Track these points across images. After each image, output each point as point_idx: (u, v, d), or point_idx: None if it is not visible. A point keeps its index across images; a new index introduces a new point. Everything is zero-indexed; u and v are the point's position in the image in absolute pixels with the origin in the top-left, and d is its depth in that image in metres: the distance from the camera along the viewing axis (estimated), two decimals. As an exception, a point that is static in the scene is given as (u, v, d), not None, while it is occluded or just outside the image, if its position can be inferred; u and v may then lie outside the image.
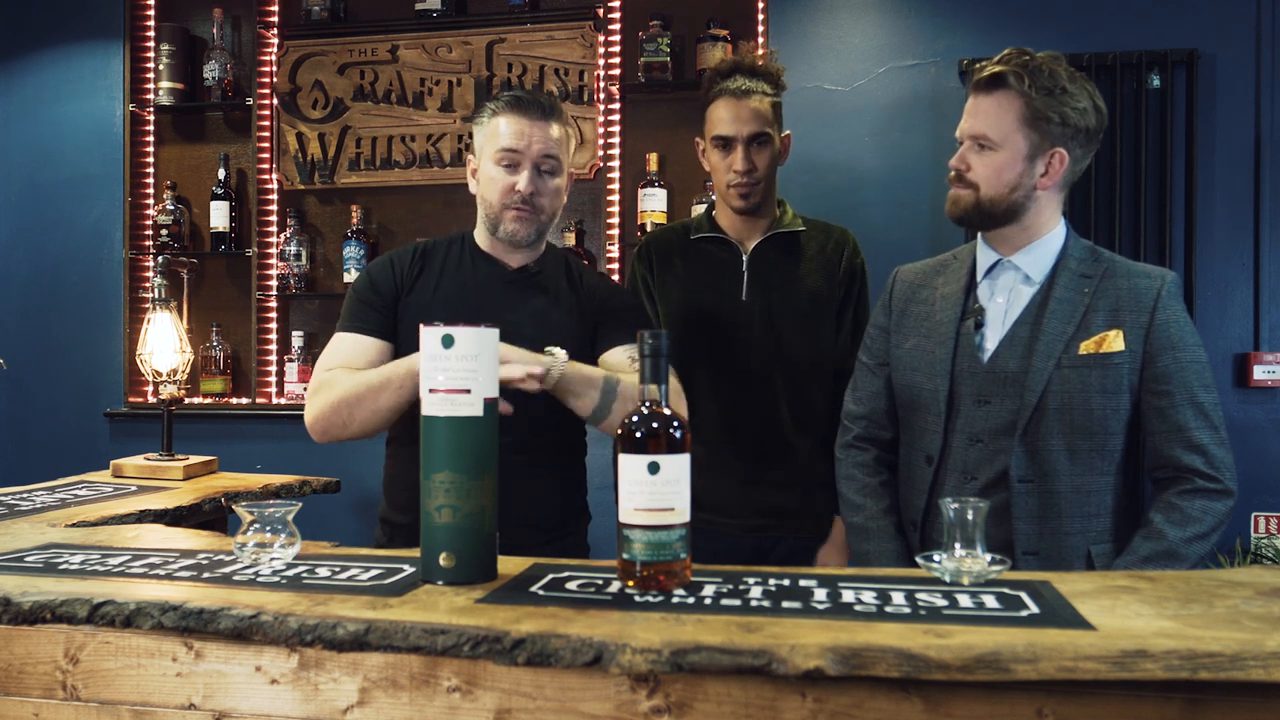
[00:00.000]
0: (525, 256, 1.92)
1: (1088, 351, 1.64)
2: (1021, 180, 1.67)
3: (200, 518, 2.09)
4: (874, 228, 2.99)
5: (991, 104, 1.66)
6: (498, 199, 1.84)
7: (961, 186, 1.71)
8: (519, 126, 1.81)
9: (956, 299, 1.76)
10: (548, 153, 1.82)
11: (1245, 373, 2.98)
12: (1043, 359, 1.65)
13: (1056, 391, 1.63)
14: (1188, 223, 3.00)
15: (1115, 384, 1.63)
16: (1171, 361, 1.62)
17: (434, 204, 3.63)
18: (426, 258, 1.93)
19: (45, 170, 3.81)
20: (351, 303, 1.88)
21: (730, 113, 2.11)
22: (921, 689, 0.97)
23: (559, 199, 1.89)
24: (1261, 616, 1.03)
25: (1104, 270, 1.69)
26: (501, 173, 1.83)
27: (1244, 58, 3.01)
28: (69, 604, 1.14)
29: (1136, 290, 1.66)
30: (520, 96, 1.84)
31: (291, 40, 3.66)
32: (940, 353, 1.74)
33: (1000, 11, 3.15)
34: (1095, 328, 1.64)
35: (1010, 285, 1.73)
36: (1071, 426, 1.63)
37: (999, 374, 1.68)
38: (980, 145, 1.67)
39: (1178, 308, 1.66)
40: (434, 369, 1.20)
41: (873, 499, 1.81)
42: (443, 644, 1.03)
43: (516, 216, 1.83)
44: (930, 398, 1.74)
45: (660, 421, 1.17)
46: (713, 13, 3.35)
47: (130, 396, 3.72)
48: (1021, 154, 1.66)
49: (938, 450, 1.73)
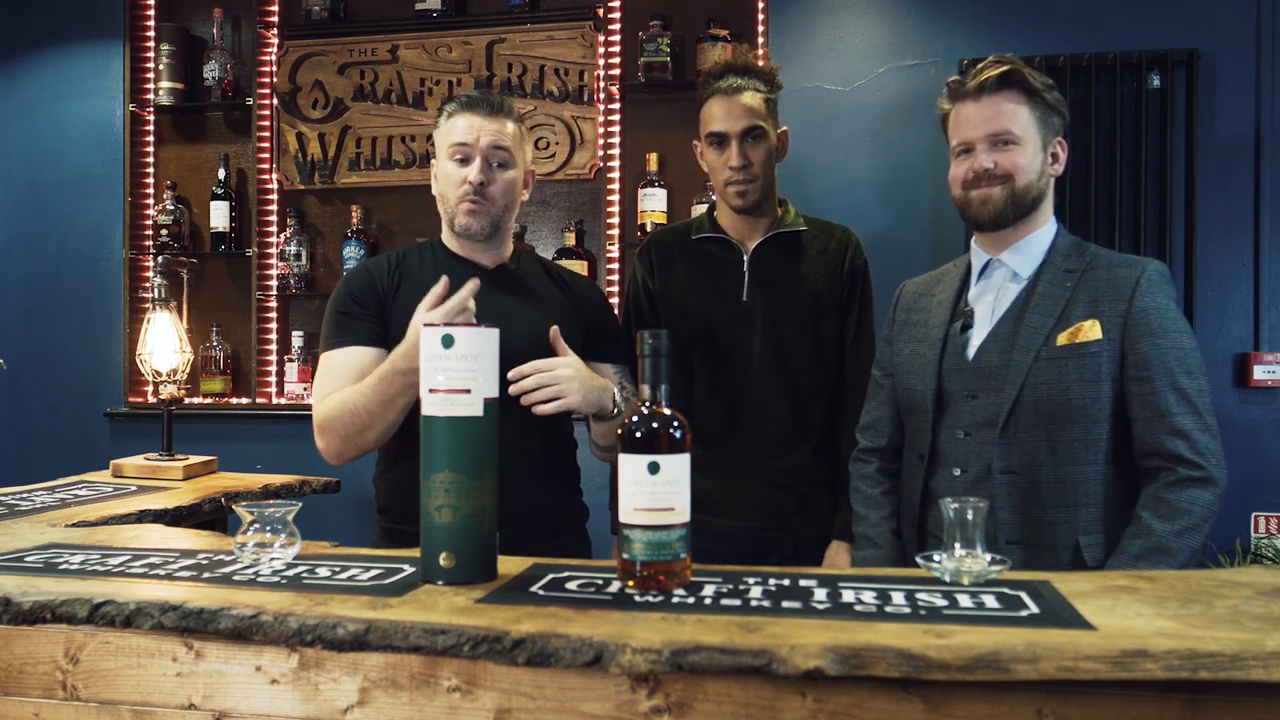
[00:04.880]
0: (495, 255, 1.96)
1: (1065, 342, 1.66)
2: (1043, 168, 1.75)
3: (200, 518, 2.09)
4: (873, 227, 3.00)
5: (1004, 103, 1.72)
6: (452, 192, 1.90)
7: (991, 185, 1.72)
8: (469, 122, 1.87)
9: (949, 304, 1.83)
10: (497, 144, 1.87)
11: (1245, 373, 2.98)
12: (1022, 352, 1.68)
13: (1035, 383, 1.66)
14: (1188, 223, 3.00)
15: (1093, 373, 1.65)
16: (1151, 348, 1.63)
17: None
18: (403, 265, 1.96)
19: (45, 170, 3.81)
20: (333, 320, 1.89)
21: (722, 109, 2.11)
22: (921, 689, 0.97)
23: (513, 192, 1.92)
24: (1261, 616, 1.03)
25: (1087, 263, 1.73)
26: (454, 167, 1.89)
27: (1244, 58, 3.01)
28: (69, 604, 1.14)
29: (1116, 280, 1.68)
30: (472, 96, 1.91)
31: (291, 40, 3.66)
32: (930, 355, 1.80)
33: (1000, 11, 3.15)
34: (1074, 319, 1.68)
35: (999, 284, 1.78)
36: (1052, 417, 1.65)
37: (983, 369, 1.72)
38: (1003, 142, 1.72)
39: (1158, 295, 1.66)
40: (434, 369, 1.20)
41: (873, 509, 1.88)
42: (443, 644, 1.03)
43: (469, 209, 1.88)
44: (921, 398, 1.79)
45: (660, 421, 1.17)
46: (713, 13, 3.35)
47: (130, 396, 3.72)
48: (1039, 145, 1.74)
49: (928, 447, 1.77)
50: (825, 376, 2.18)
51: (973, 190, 1.74)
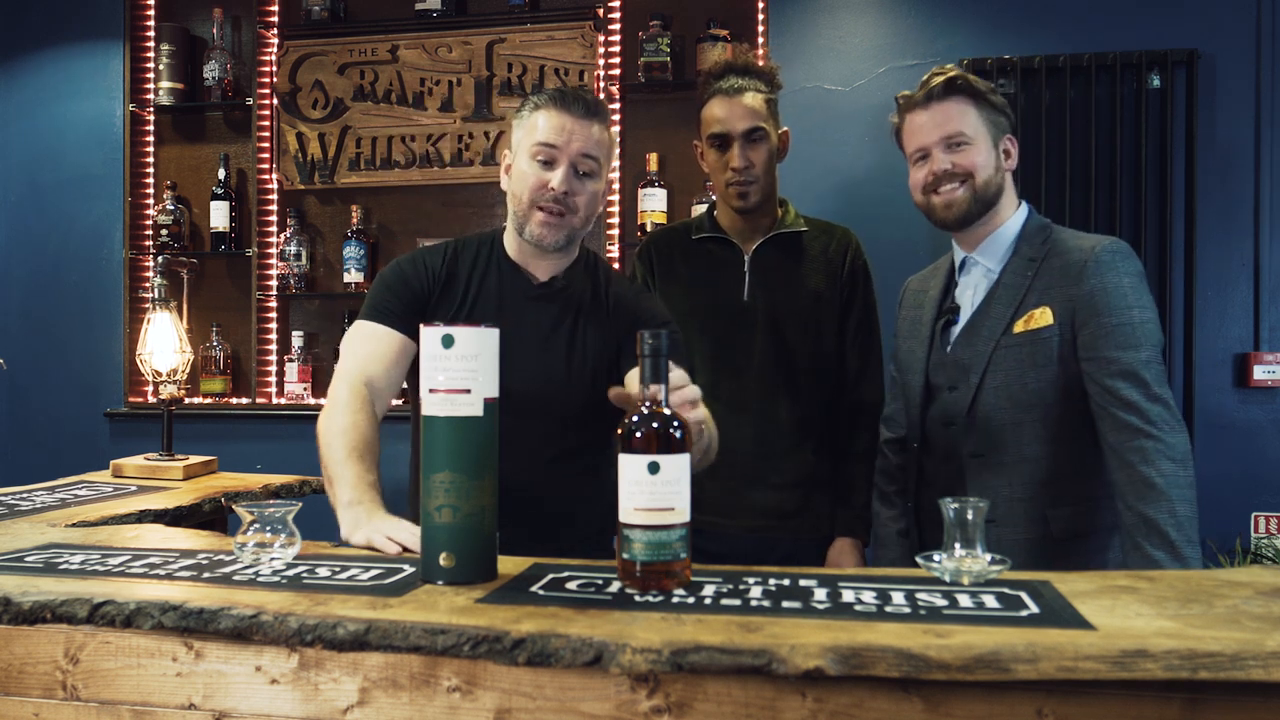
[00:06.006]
0: (553, 266, 1.81)
1: (1020, 330, 1.75)
2: (998, 164, 1.82)
3: (200, 518, 2.09)
4: (873, 228, 2.98)
5: (953, 107, 1.80)
6: (528, 196, 1.73)
7: (952, 186, 1.80)
8: (560, 121, 1.71)
9: (937, 300, 1.92)
10: (587, 152, 1.72)
11: (1245, 373, 2.98)
12: (984, 342, 1.78)
13: (994, 371, 1.76)
14: (1188, 223, 3.00)
15: (1045, 358, 1.73)
16: (1097, 327, 1.68)
17: (434, 204, 3.63)
18: (457, 260, 1.83)
19: (45, 170, 3.81)
20: (378, 290, 1.79)
21: (724, 110, 2.11)
22: (921, 689, 0.97)
23: (595, 205, 1.77)
24: (1261, 616, 1.03)
25: (1047, 250, 1.79)
26: (536, 168, 1.72)
27: (1244, 58, 3.01)
28: (69, 604, 1.14)
29: (1067, 265, 1.75)
30: (564, 92, 1.74)
31: (291, 40, 3.66)
32: (920, 351, 1.90)
33: (1000, 11, 3.15)
34: (1028, 307, 1.76)
35: (976, 280, 1.86)
36: (1011, 401, 1.75)
37: (958, 362, 1.82)
38: (956, 144, 1.79)
39: (1106, 274, 1.70)
40: (434, 369, 1.20)
41: (885, 506, 1.99)
42: (443, 644, 1.03)
43: (545, 220, 1.72)
44: (913, 392, 1.90)
45: (660, 421, 1.18)
46: (713, 13, 3.35)
47: (130, 396, 3.72)
48: (990, 143, 1.81)
49: (918, 437, 1.88)
50: (825, 377, 2.18)
51: (934, 195, 1.82)
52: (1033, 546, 1.72)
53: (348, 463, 1.57)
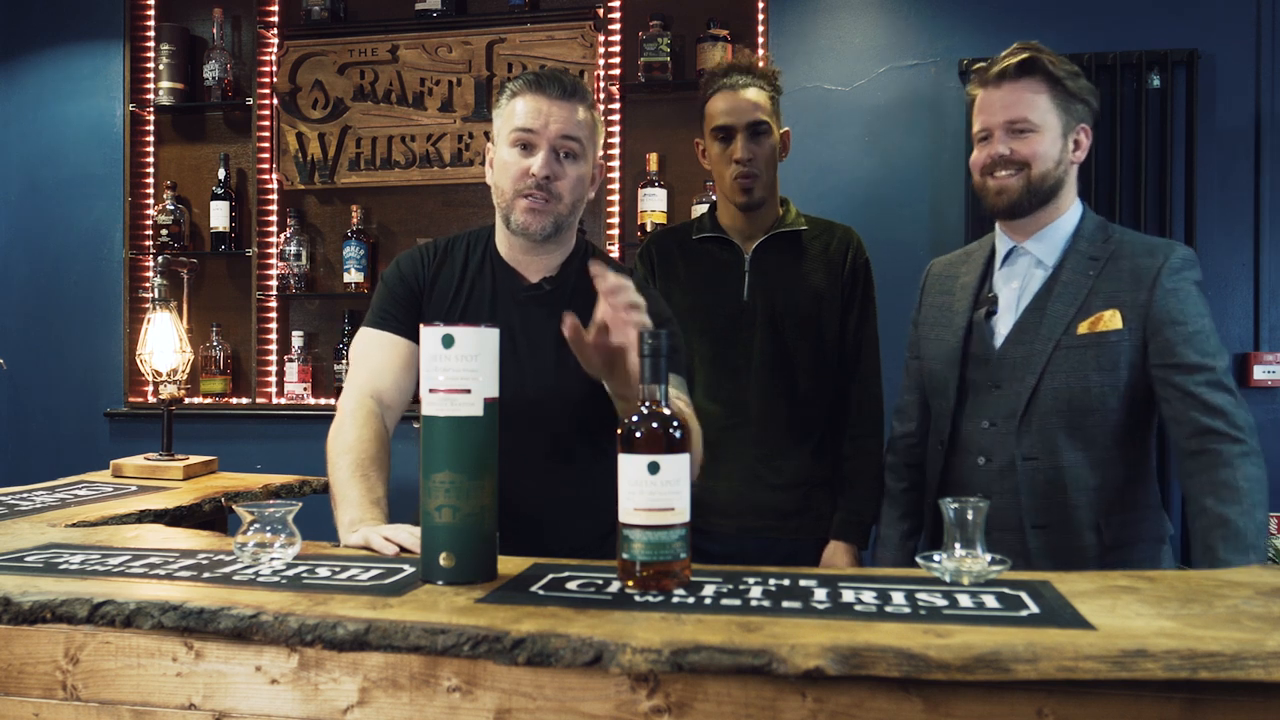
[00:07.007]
0: (546, 263, 1.76)
1: (1085, 331, 1.69)
2: (1063, 156, 1.74)
3: (200, 518, 2.09)
4: (873, 227, 2.98)
5: (1025, 90, 1.72)
6: (510, 185, 1.67)
7: (1008, 173, 1.73)
8: (536, 105, 1.64)
9: (972, 288, 1.83)
10: (567, 133, 1.64)
11: (1245, 373, 2.98)
12: (1044, 341, 1.71)
13: (1054, 372, 1.70)
14: (1188, 223, 3.00)
15: (1111, 362, 1.68)
16: (1174, 334, 1.65)
17: (434, 204, 3.63)
18: (448, 255, 1.80)
19: (45, 170, 3.81)
20: (381, 295, 1.77)
21: (729, 103, 2.12)
22: (921, 689, 0.97)
23: (581, 189, 1.70)
24: (1261, 616, 1.03)
25: (1111, 251, 1.73)
26: (516, 155, 1.66)
27: (1244, 58, 3.01)
28: (69, 604, 1.14)
29: (1138, 269, 1.70)
30: (540, 74, 1.68)
31: (291, 40, 3.66)
32: (954, 341, 1.81)
33: (1000, 11, 3.15)
34: (1095, 308, 1.70)
35: (1024, 271, 1.79)
36: (1070, 405, 1.69)
37: (1009, 360, 1.74)
38: (1020, 130, 1.72)
39: (1179, 281, 1.68)
40: (434, 369, 1.20)
41: (892, 507, 1.96)
42: (443, 644, 1.03)
43: (529, 206, 1.66)
44: (943, 385, 1.82)
45: (660, 421, 1.17)
46: (713, 13, 3.35)
47: (130, 396, 3.72)
48: (1059, 132, 1.73)
49: (947, 434, 1.80)
50: (826, 376, 2.18)
51: (989, 178, 1.75)
52: (1083, 554, 1.68)
53: (350, 482, 1.57)
